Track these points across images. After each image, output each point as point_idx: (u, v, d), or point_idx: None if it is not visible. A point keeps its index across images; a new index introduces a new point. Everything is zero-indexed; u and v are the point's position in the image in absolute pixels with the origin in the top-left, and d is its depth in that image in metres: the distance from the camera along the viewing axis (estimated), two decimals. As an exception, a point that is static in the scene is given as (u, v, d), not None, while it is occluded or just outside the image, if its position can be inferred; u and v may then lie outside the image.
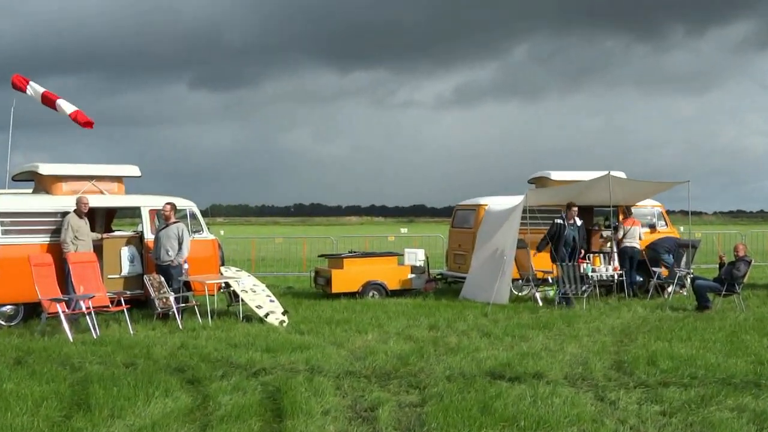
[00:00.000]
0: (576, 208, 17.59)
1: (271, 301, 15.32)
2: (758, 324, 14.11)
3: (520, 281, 18.22)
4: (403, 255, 20.39)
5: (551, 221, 17.65)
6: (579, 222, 17.69)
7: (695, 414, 8.24)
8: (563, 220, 17.42)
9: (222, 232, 36.60)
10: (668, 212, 20.66)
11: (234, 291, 15.48)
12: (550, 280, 17.65)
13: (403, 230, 41.17)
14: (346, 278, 18.23)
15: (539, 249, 17.66)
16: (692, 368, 10.24)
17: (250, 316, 14.89)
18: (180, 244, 15.06)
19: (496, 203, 19.00)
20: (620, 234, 18.53)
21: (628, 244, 18.50)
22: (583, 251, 17.86)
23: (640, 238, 18.69)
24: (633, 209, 19.33)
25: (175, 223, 15.24)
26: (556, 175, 19.77)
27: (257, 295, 15.32)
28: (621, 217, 18.81)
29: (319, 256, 21.81)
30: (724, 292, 16.14)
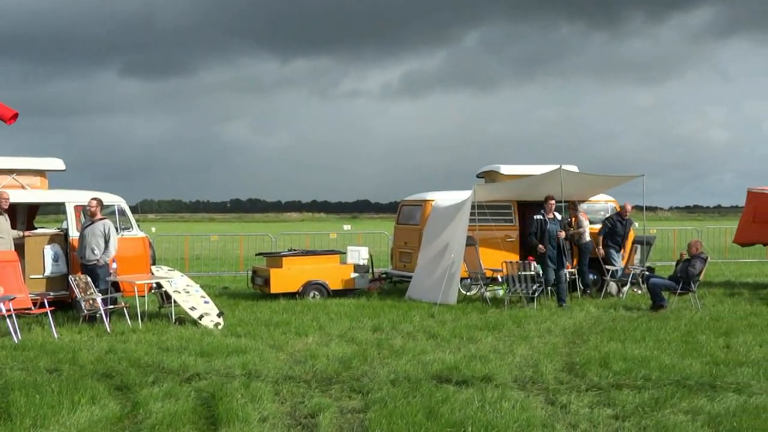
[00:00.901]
0: (553, 201, 17.19)
1: (206, 302, 15.22)
2: (714, 323, 14.37)
3: (469, 280, 18.33)
4: (345, 253, 20.40)
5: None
6: (559, 216, 17.43)
7: (649, 417, 8.37)
8: (543, 216, 17.19)
9: (153, 230, 36.22)
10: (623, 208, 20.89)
11: (166, 292, 15.36)
12: (500, 279, 17.77)
13: (346, 227, 41.08)
14: (285, 278, 18.18)
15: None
16: (646, 370, 10.40)
17: (183, 319, 14.80)
18: (106, 242, 14.88)
19: (443, 199, 19.08)
20: (584, 229, 18.68)
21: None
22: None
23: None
24: (586, 204, 19.55)
25: (101, 220, 15.06)
26: (505, 169, 19.89)
27: (191, 296, 15.22)
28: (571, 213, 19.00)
29: (256, 255, 21.72)
30: (679, 291, 16.42)
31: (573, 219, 18.96)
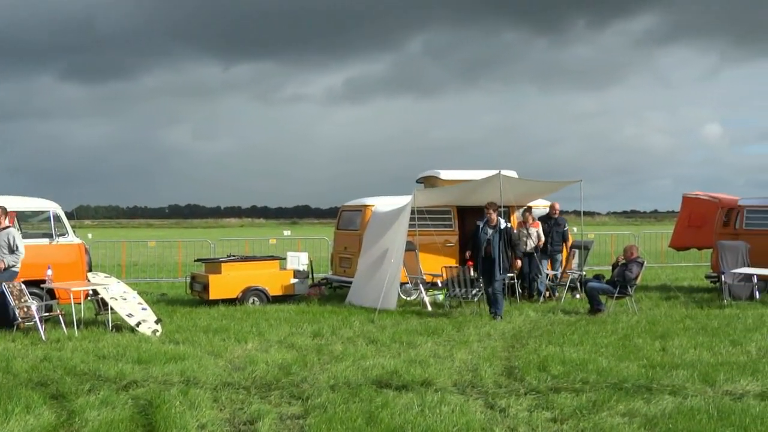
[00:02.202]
0: (491, 210, 16.23)
1: (143, 309, 15.07)
2: (651, 327, 14.59)
3: (409, 285, 18.40)
4: (285, 259, 20.34)
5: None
6: (504, 223, 16.35)
7: (586, 420, 8.47)
8: (480, 224, 16.55)
9: (90, 236, 35.86)
10: (562, 212, 21.13)
11: (102, 299, 15.19)
12: (439, 284, 17.85)
13: (286, 232, 41.07)
14: (224, 284, 18.07)
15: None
16: (584, 373, 10.53)
17: (120, 326, 14.64)
18: (12, 252, 14.57)
19: (383, 204, 19.14)
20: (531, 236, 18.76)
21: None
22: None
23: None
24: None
25: (5, 228, 14.74)
26: (445, 175, 20.01)
27: (128, 303, 15.05)
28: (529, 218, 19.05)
29: (195, 261, 21.58)
30: (616, 295, 16.64)
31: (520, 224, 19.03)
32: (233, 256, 20.37)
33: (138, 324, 14.34)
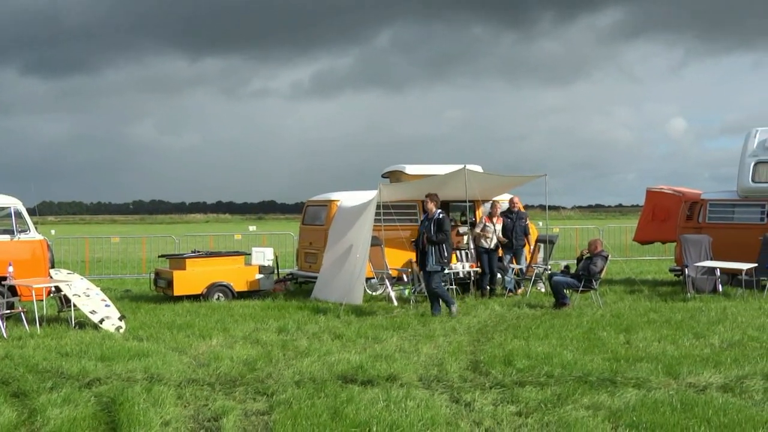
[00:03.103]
0: (427, 199, 16.07)
1: (107, 305, 14.96)
2: (615, 320, 14.68)
3: (375, 280, 18.40)
4: (250, 254, 20.28)
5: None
6: (438, 214, 15.84)
7: (551, 413, 8.51)
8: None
9: (53, 232, 35.54)
10: (528, 207, 21.23)
11: (65, 295, 15.05)
12: (405, 279, 17.87)
13: (252, 228, 40.87)
14: (188, 280, 17.99)
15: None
16: (549, 367, 10.57)
17: (83, 323, 14.52)
18: None
19: (348, 199, 19.10)
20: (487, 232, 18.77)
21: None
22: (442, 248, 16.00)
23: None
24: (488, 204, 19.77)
25: None
26: (410, 169, 20.02)
27: (91, 300, 14.94)
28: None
29: (159, 257, 21.45)
30: (581, 288, 16.74)
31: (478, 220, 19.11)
32: (198, 251, 20.27)
33: (101, 321, 14.22)
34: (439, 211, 15.90)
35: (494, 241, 18.64)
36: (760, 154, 19.93)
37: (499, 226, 18.75)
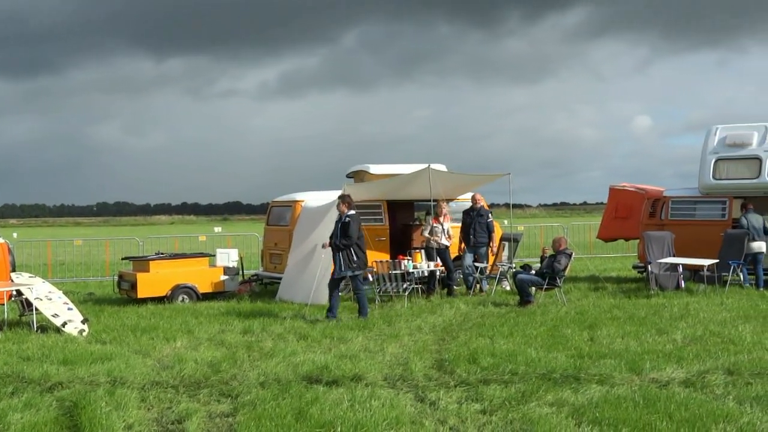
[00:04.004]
0: (339, 200, 15.76)
1: (69, 309, 14.83)
2: (579, 317, 14.78)
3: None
4: (215, 255, 20.19)
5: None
6: (345, 217, 15.41)
7: (515, 411, 8.55)
8: None
9: (15, 235, 35.25)
10: (494, 205, 21.29)
11: (27, 299, 14.90)
12: (370, 278, 17.86)
13: (217, 229, 40.70)
14: (152, 282, 17.88)
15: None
16: (513, 364, 10.62)
17: (45, 326, 14.40)
18: None
19: (313, 199, 19.07)
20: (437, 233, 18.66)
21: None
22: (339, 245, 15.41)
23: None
24: (453, 203, 19.80)
25: None
26: (375, 169, 20.01)
27: (53, 303, 14.80)
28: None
29: (122, 259, 21.30)
30: (545, 286, 16.83)
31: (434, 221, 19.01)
32: (161, 253, 20.16)
33: (64, 324, 14.10)
34: (347, 214, 15.44)
35: (443, 240, 18.55)
36: (720, 152, 20.13)
37: (447, 225, 18.67)
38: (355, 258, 15.30)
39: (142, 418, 8.54)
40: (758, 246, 18.83)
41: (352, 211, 15.50)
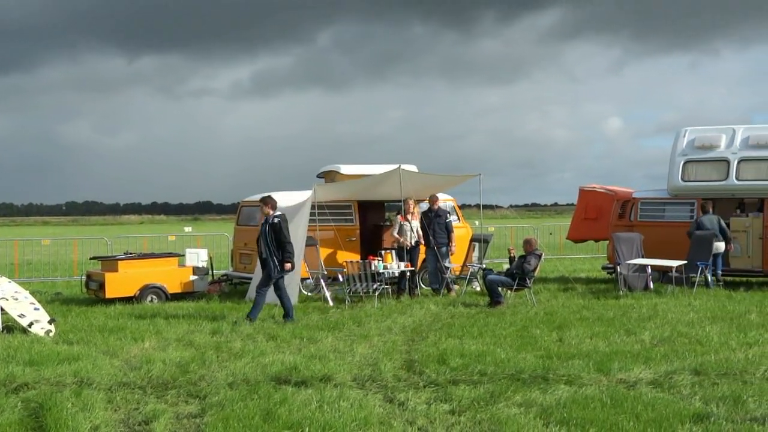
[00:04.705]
0: (261, 203, 15.57)
1: (36, 309, 14.69)
2: (548, 318, 14.85)
3: (310, 280, 18.36)
4: (184, 255, 20.10)
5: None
6: (272, 218, 15.18)
7: (484, 411, 8.57)
8: None
9: (-19, 235, 34.91)
10: (465, 206, 21.32)
11: (-8, 299, 14.76)
12: (341, 279, 17.85)
13: (187, 229, 40.56)
14: (121, 282, 17.76)
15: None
16: (482, 365, 10.65)
17: (11, 326, 14.24)
18: None
19: (283, 199, 18.98)
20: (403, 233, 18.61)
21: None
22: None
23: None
24: (425, 204, 19.80)
25: None
26: (345, 169, 20.02)
27: (19, 303, 14.66)
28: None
29: (91, 259, 21.15)
30: (515, 287, 16.89)
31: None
32: (130, 253, 20.03)
33: (30, 324, 13.98)
34: (274, 215, 15.20)
35: (414, 238, 18.56)
36: (689, 154, 20.30)
37: (415, 223, 18.68)
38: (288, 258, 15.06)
39: (108, 419, 8.49)
40: (716, 246, 19.05)
41: (279, 212, 15.37)
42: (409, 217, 18.51)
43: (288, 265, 15.07)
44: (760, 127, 20.38)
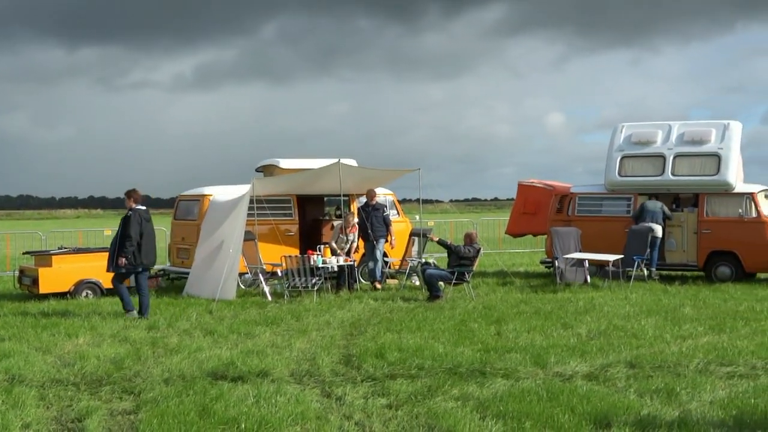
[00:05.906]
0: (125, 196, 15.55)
1: (-33, 304, 14.46)
2: (486, 312, 14.94)
3: (248, 275, 18.28)
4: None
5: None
6: (138, 207, 15.38)
7: (421, 405, 8.60)
8: None
9: None
10: (405, 201, 21.36)
11: None
12: (279, 273, 17.79)
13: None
14: (55, 277, 17.50)
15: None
16: (420, 359, 10.69)
17: (-59, 323, 14.00)
18: None
19: (222, 193, 18.91)
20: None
21: None
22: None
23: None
24: (364, 198, 19.81)
25: None
26: (285, 163, 19.98)
27: (-50, 299, 14.41)
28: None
29: (24, 254, 20.83)
30: (454, 281, 16.97)
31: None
32: (65, 248, 19.74)
33: (-39, 321, 13.74)
34: (130, 209, 15.30)
35: (348, 248, 18.59)
36: (626, 149, 20.58)
37: (352, 236, 18.75)
38: (139, 254, 15.06)
39: (40, 417, 8.36)
40: (655, 230, 19.32)
41: (140, 207, 15.33)
42: (347, 230, 18.54)
43: (122, 260, 15.00)
44: (695, 123, 20.74)
